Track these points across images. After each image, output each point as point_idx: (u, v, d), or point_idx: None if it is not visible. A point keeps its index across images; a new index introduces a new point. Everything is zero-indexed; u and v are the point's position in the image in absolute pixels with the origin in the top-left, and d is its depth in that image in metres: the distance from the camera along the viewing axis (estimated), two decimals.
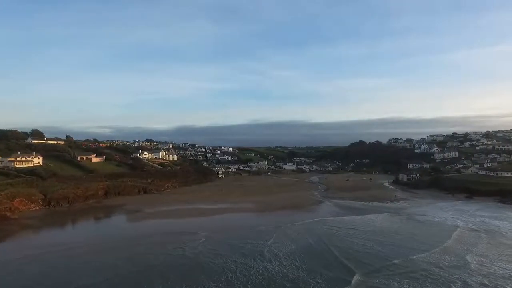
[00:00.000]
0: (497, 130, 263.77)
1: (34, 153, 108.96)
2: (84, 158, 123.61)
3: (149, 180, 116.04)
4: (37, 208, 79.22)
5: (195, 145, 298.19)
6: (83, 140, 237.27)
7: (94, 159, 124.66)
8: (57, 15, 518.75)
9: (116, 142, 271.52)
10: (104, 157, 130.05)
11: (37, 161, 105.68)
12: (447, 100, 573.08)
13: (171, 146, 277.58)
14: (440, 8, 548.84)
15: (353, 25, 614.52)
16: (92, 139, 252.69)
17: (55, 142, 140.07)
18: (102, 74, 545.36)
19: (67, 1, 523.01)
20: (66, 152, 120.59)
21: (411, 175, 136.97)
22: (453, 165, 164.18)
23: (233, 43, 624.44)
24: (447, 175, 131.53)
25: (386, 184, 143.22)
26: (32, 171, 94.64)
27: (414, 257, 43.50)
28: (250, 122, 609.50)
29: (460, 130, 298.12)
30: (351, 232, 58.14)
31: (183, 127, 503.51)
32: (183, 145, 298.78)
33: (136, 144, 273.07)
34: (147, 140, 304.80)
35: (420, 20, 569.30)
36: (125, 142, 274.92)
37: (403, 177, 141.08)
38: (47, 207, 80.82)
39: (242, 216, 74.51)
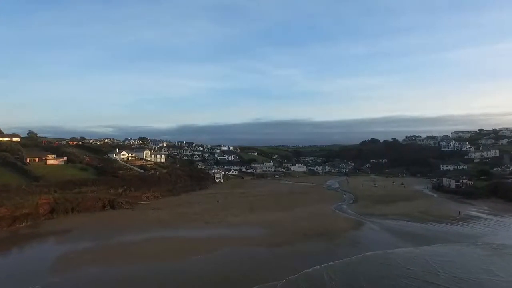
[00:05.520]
0: None
1: None
2: (37, 159, 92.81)
3: (121, 190, 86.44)
4: None
5: (192, 143, 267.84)
6: (69, 138, 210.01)
7: (51, 161, 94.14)
8: (57, 15, 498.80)
9: (106, 140, 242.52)
10: (65, 158, 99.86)
11: None
12: (450, 98, 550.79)
13: (165, 145, 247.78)
14: (441, 6, 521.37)
15: (354, 24, 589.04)
16: (79, 137, 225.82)
17: (9, 139, 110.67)
18: (103, 73, 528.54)
19: (66, 1, 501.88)
20: (12, 152, 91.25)
21: (461, 180, 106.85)
22: (503, 167, 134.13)
23: (234, 42, 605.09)
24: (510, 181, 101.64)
25: (427, 191, 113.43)
26: None
27: None
28: (251, 121, 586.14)
29: (463, 128, 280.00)
30: None
31: (184, 126, 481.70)
32: (179, 143, 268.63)
33: (127, 142, 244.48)
34: (140, 139, 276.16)
35: (421, 18, 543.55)
36: (114, 141, 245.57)
37: (449, 182, 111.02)
38: None
39: (245, 254, 45.32)
